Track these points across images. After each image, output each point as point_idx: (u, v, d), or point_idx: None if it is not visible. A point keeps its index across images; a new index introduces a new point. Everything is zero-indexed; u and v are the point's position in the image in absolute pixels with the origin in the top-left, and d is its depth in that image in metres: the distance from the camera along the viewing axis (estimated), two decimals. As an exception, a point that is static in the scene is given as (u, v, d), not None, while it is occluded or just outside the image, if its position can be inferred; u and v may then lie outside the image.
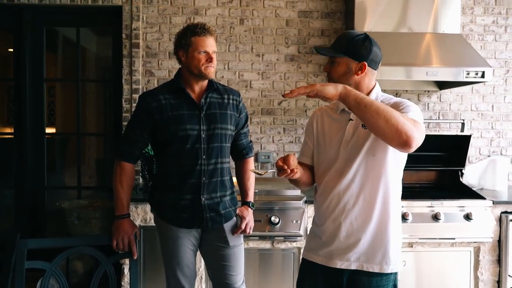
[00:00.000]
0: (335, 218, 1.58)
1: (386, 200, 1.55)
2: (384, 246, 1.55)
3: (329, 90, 1.39)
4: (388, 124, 1.33)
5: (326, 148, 1.65)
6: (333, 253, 1.58)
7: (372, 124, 1.37)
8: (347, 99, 1.39)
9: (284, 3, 3.28)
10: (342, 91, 1.40)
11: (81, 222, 2.84)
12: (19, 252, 1.79)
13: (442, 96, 3.36)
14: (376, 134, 1.41)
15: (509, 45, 3.37)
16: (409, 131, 1.34)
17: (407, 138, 1.33)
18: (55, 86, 3.96)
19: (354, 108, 1.39)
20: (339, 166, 1.58)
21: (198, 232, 2.06)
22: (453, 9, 3.05)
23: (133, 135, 2.01)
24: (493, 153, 3.38)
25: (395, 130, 1.33)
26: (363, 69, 1.56)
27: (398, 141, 1.35)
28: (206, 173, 1.98)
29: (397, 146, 1.38)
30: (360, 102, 1.37)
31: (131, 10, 3.18)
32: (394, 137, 1.34)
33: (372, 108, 1.35)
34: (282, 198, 2.69)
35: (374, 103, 1.36)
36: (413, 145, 1.35)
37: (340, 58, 1.57)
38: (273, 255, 2.70)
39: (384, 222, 1.55)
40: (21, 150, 3.29)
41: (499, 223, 2.72)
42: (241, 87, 3.28)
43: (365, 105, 1.36)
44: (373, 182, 1.54)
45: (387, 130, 1.34)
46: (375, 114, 1.34)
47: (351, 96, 1.39)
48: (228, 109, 2.05)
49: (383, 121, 1.34)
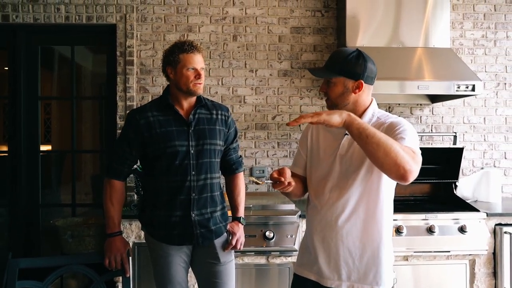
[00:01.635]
0: (327, 234, 1.58)
1: (379, 218, 1.55)
2: (376, 266, 1.54)
3: (335, 119, 1.39)
4: (387, 158, 1.34)
5: (319, 161, 1.65)
6: (325, 270, 1.58)
7: (371, 154, 1.38)
8: (350, 128, 1.40)
9: (277, 19, 3.33)
10: (347, 119, 1.40)
11: (75, 240, 2.82)
12: (10, 272, 1.78)
13: (435, 109, 3.40)
14: (374, 164, 1.41)
15: (499, 58, 3.42)
16: (407, 165, 1.34)
17: (405, 172, 1.34)
18: (51, 103, 3.97)
19: (355, 137, 1.40)
20: (333, 180, 1.59)
21: (189, 248, 2.05)
22: (443, 24, 3.11)
23: (122, 153, 2.01)
24: (486, 165, 3.40)
25: (393, 163, 1.34)
26: (360, 87, 1.56)
27: (395, 174, 1.36)
28: (195, 189, 1.98)
29: (394, 178, 1.39)
30: (362, 132, 1.37)
31: (125, 28, 3.22)
32: (392, 170, 1.35)
33: (374, 140, 1.35)
34: (276, 213, 2.68)
35: (376, 135, 1.37)
36: (409, 179, 1.36)
37: (336, 78, 1.57)
38: (269, 270, 2.68)
39: (376, 240, 1.55)
40: (15, 168, 3.29)
41: (494, 235, 2.72)
42: (235, 102, 3.30)
43: (367, 135, 1.36)
44: (366, 199, 1.54)
45: (386, 163, 1.35)
46: (376, 146, 1.35)
47: (355, 125, 1.39)
48: (217, 124, 2.06)
49: (383, 153, 1.34)
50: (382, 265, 1.54)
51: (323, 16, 3.35)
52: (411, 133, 1.50)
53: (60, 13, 3.23)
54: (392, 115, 1.61)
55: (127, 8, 3.24)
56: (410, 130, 1.50)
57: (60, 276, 2.23)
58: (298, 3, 3.33)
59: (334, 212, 1.57)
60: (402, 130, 1.49)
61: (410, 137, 1.47)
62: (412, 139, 1.47)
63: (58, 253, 3.02)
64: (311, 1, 3.34)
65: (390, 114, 1.63)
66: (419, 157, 1.42)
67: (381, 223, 1.55)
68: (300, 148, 1.78)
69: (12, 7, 3.21)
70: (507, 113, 3.42)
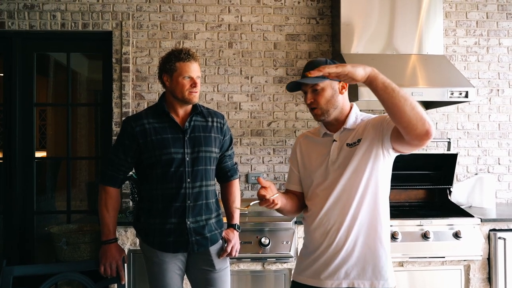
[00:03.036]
0: (325, 237, 1.59)
1: (374, 215, 1.56)
2: (374, 260, 1.55)
3: (359, 72, 1.36)
4: (414, 111, 1.32)
5: (312, 171, 1.66)
6: (323, 272, 1.58)
7: (397, 109, 1.34)
8: (374, 82, 1.37)
9: (272, 26, 3.35)
10: (371, 73, 1.37)
11: (70, 247, 2.80)
12: (5, 280, 1.77)
13: (429, 115, 3.39)
14: (399, 120, 1.36)
15: (491, 65, 3.45)
16: (430, 122, 1.35)
17: (429, 127, 1.34)
18: (47, 110, 3.97)
19: (381, 91, 1.36)
20: (327, 186, 1.60)
21: (184, 256, 2.05)
22: (436, 31, 3.14)
23: (117, 160, 2.02)
24: (480, 171, 3.42)
25: (420, 117, 1.33)
26: (345, 86, 1.61)
27: (421, 129, 1.34)
28: (191, 196, 1.98)
29: (418, 134, 1.35)
30: (388, 86, 1.35)
31: (121, 35, 3.23)
32: (418, 125, 1.33)
33: (400, 93, 1.34)
34: (272, 219, 2.69)
35: (401, 89, 1.35)
36: (432, 135, 1.35)
37: (323, 82, 1.59)
38: (265, 276, 2.68)
39: (372, 235, 1.56)
40: (10, 174, 3.28)
41: (488, 240, 2.74)
42: (231, 109, 3.31)
43: (393, 89, 1.35)
44: (363, 200, 1.55)
45: (413, 117, 1.33)
46: (403, 99, 1.33)
47: (379, 78, 1.37)
48: (212, 131, 2.07)
49: (410, 107, 1.32)
50: (380, 260, 1.56)
51: (318, 23, 3.37)
52: None
53: (56, 20, 3.23)
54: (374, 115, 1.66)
55: (123, 15, 3.26)
56: None
57: (55, 283, 2.22)
58: (293, 10, 3.36)
59: (330, 216, 1.58)
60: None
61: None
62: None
63: (53, 261, 3.00)
64: (306, 8, 3.37)
65: (371, 114, 1.68)
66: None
67: (376, 219, 1.56)
68: (291, 166, 1.79)
69: (8, 14, 3.22)
70: (500, 119, 3.45)
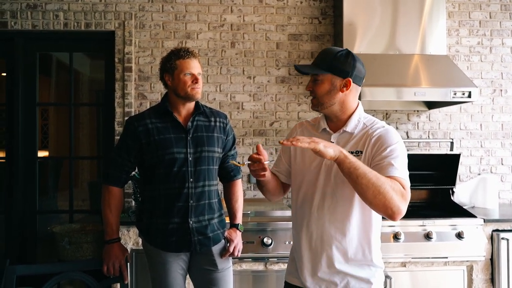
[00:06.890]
0: (313, 239, 1.58)
1: (365, 221, 1.54)
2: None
3: (329, 153, 1.37)
4: (376, 199, 1.36)
5: (305, 169, 1.62)
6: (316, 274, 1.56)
7: (360, 193, 1.39)
8: (341, 165, 1.39)
9: (274, 26, 3.35)
10: (340, 156, 1.38)
11: (73, 247, 2.81)
12: (8, 279, 1.77)
13: (432, 115, 3.41)
14: (363, 201, 1.43)
15: (494, 65, 3.44)
16: (395, 207, 1.36)
17: (392, 213, 1.37)
18: (49, 110, 3.97)
19: (346, 175, 1.40)
20: (318, 188, 1.57)
21: (187, 255, 2.05)
22: (439, 31, 3.13)
23: (120, 159, 2.02)
24: (483, 171, 3.41)
25: (382, 205, 1.36)
26: (348, 86, 1.52)
27: (383, 214, 1.40)
28: (193, 196, 1.98)
29: (382, 215, 1.44)
30: (352, 172, 1.37)
31: (124, 35, 3.23)
32: (380, 211, 1.39)
33: (363, 180, 1.36)
34: (274, 219, 2.68)
35: (366, 175, 1.36)
36: (397, 219, 1.39)
37: (324, 75, 1.54)
38: (267, 276, 2.68)
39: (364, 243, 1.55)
40: (12, 174, 3.28)
41: (491, 241, 2.73)
42: (233, 108, 3.31)
43: (357, 176, 1.36)
44: (353, 203, 1.53)
45: (374, 203, 1.38)
46: (365, 187, 1.36)
47: (346, 163, 1.38)
48: (215, 131, 2.07)
49: (371, 195, 1.36)
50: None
51: (321, 23, 3.37)
52: (402, 158, 1.47)
53: (59, 20, 3.24)
54: (379, 122, 1.58)
55: (126, 15, 3.26)
56: (400, 154, 1.48)
57: (58, 283, 2.23)
58: (296, 10, 3.36)
59: (320, 218, 1.56)
60: (393, 155, 1.46)
61: (400, 163, 1.45)
62: (402, 166, 1.46)
63: (56, 260, 3.01)
64: (309, 8, 3.37)
65: (376, 119, 1.60)
66: (409, 193, 1.43)
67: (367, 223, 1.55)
68: (282, 153, 1.76)
69: (10, 14, 3.22)
70: (503, 119, 3.44)
